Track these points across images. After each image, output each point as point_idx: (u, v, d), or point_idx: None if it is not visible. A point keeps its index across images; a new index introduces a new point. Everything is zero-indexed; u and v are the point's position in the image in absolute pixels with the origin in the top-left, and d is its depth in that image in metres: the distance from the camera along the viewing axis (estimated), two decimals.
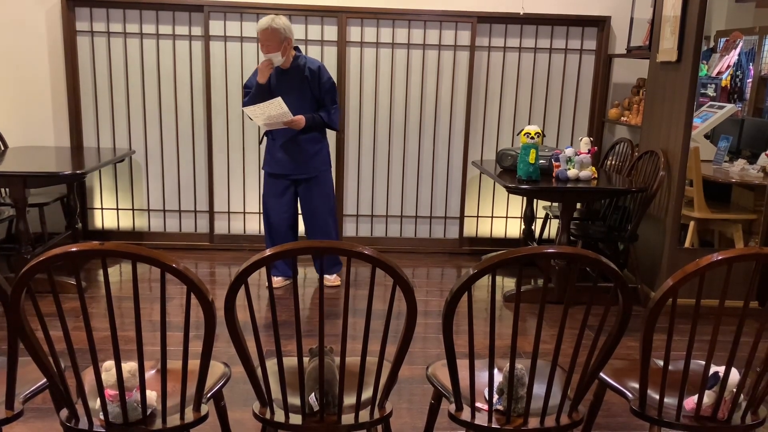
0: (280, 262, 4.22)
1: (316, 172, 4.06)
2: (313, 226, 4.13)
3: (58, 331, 2.08)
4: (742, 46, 5.02)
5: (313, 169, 4.04)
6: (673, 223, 3.89)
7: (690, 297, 3.71)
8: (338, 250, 1.62)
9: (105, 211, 4.99)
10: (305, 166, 4.02)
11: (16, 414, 1.80)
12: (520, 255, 1.65)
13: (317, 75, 3.92)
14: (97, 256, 1.57)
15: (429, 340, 3.51)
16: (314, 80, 3.92)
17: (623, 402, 2.83)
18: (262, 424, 1.86)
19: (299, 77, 3.91)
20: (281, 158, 4.00)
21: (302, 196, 4.09)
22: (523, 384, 1.85)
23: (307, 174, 4.04)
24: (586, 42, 4.89)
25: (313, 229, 4.14)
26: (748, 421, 1.89)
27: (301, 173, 4.03)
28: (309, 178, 4.05)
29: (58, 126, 4.79)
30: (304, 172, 4.03)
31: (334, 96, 4.01)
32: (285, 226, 4.12)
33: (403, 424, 2.68)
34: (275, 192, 4.08)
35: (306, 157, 4.00)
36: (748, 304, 1.75)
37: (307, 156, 4.01)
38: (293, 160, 4.00)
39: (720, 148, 4.51)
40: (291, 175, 4.03)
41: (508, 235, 5.19)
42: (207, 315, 1.68)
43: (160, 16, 4.68)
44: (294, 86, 3.90)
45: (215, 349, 2.98)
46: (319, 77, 3.92)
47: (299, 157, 4.00)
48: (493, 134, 5.02)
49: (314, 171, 4.05)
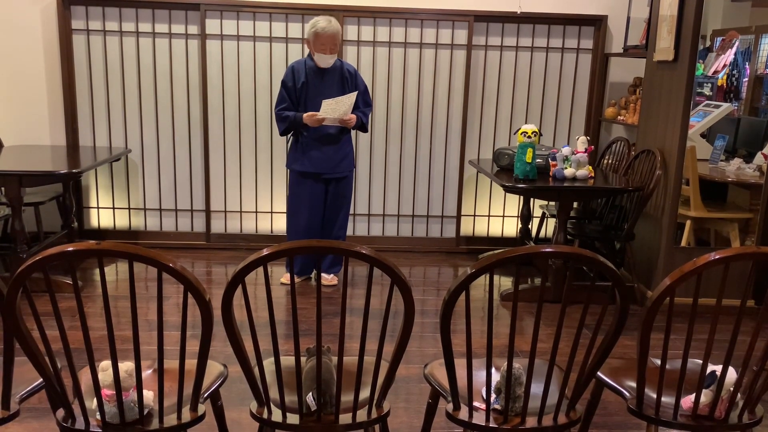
0: (298, 259, 4.21)
1: (347, 172, 4.09)
2: (333, 226, 4.14)
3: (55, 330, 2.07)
4: (739, 46, 5.03)
5: (345, 168, 4.06)
6: (670, 222, 3.90)
7: (686, 296, 3.72)
8: (336, 249, 1.62)
9: (101, 210, 4.98)
10: (339, 165, 4.02)
11: (12, 414, 1.79)
12: (517, 254, 1.65)
13: (354, 77, 3.99)
14: (93, 255, 1.56)
15: (426, 339, 3.51)
16: (352, 82, 3.97)
17: (620, 401, 2.83)
18: (259, 423, 1.86)
19: (339, 78, 3.94)
20: (317, 157, 3.96)
21: (331, 195, 4.09)
22: (520, 383, 1.85)
23: (340, 173, 4.05)
24: (583, 41, 4.90)
25: (333, 228, 4.15)
26: (745, 420, 1.89)
27: (335, 173, 4.03)
28: (341, 178, 4.07)
29: (53, 125, 4.78)
30: (338, 171, 4.04)
31: (368, 98, 4.08)
32: (318, 225, 4.11)
33: (401, 424, 2.67)
34: (309, 192, 4.03)
35: (340, 157, 4.02)
36: (745, 303, 1.75)
37: (342, 156, 4.02)
38: (329, 159, 3.98)
39: (716, 147, 4.52)
40: (325, 174, 4.01)
41: (504, 234, 5.19)
42: (204, 314, 1.68)
43: (157, 14, 4.67)
44: (334, 86, 3.92)
45: (212, 348, 2.98)
46: (356, 79, 4.00)
47: (335, 156, 4.00)
48: (490, 133, 5.02)
49: (346, 170, 4.08)
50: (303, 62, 3.95)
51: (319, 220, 4.10)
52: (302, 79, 3.91)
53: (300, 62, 3.97)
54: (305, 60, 3.96)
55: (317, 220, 4.09)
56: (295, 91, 3.93)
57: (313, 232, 4.10)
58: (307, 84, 3.90)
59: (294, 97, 3.94)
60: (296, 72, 3.93)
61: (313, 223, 4.08)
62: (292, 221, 4.12)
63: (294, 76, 3.92)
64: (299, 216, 4.07)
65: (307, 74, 3.90)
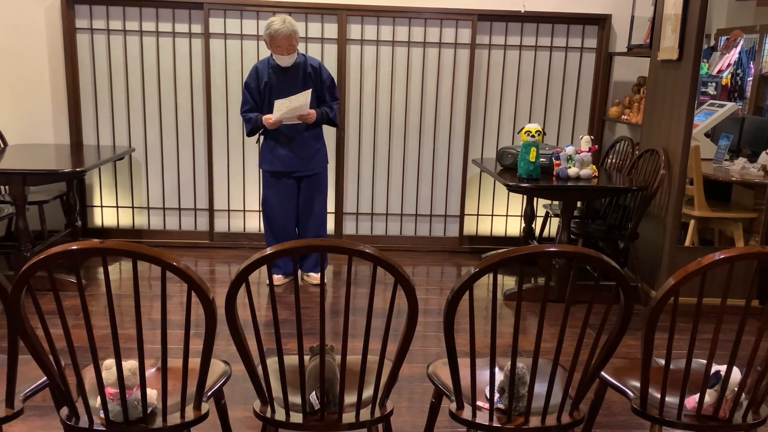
0: (282, 260, 4.21)
1: (320, 169, 4.07)
2: (310, 223, 4.12)
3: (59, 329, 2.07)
4: (743, 45, 5.02)
5: (317, 165, 4.05)
6: (674, 221, 3.89)
7: (691, 296, 3.71)
8: (340, 248, 1.62)
9: (105, 209, 4.98)
10: (310, 162, 4.01)
11: (16, 412, 1.79)
12: (521, 254, 1.65)
13: (318, 72, 3.95)
14: (97, 254, 1.56)
15: (429, 339, 3.51)
16: (316, 77, 3.94)
17: (624, 401, 2.83)
18: (262, 422, 1.86)
19: (302, 74, 3.91)
20: (285, 155, 3.97)
21: (304, 193, 4.08)
22: (524, 383, 1.85)
23: (311, 171, 4.03)
24: (587, 40, 4.89)
25: (308, 225, 4.13)
26: (749, 420, 1.88)
27: (305, 170, 4.02)
28: (312, 175, 4.05)
29: (57, 124, 4.78)
30: (309, 168, 4.03)
31: (334, 92, 4.04)
32: (292, 225, 4.10)
33: (404, 423, 2.67)
34: (281, 191, 4.03)
35: (311, 154, 4.00)
36: (750, 302, 1.74)
37: (312, 152, 4.01)
38: (298, 157, 3.98)
39: (720, 147, 4.51)
40: (295, 173, 4.01)
41: (508, 233, 5.18)
42: (207, 313, 1.68)
43: (160, 13, 4.67)
44: (297, 83, 3.90)
45: (215, 347, 2.98)
46: (320, 74, 3.96)
47: (305, 154, 3.99)
48: (494, 132, 5.01)
49: (318, 167, 4.06)
50: (266, 61, 3.94)
51: (293, 218, 4.09)
52: (265, 78, 3.89)
53: (263, 62, 3.96)
54: (268, 59, 3.93)
55: (292, 219, 4.08)
56: (259, 92, 3.92)
57: (289, 231, 4.09)
58: (270, 83, 3.89)
59: (258, 97, 3.93)
60: (259, 72, 3.92)
61: (288, 222, 4.07)
62: (267, 221, 4.11)
63: (257, 77, 3.92)
64: (274, 216, 4.07)
65: (270, 74, 3.89)
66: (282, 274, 4.23)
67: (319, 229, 4.16)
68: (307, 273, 4.27)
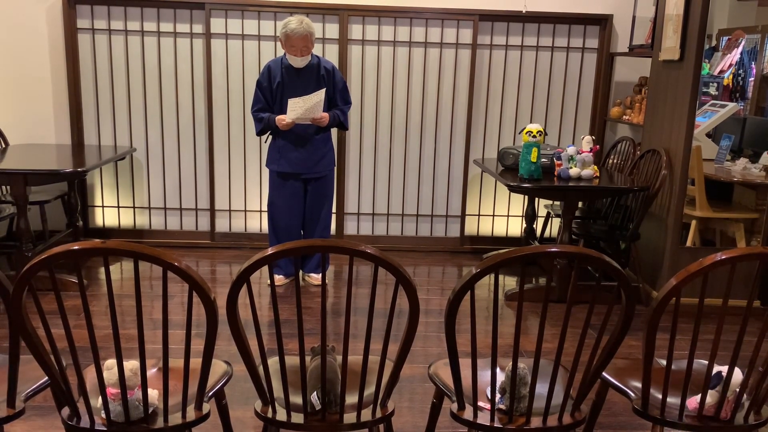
0: (283, 261, 4.21)
1: (327, 171, 4.07)
2: (316, 224, 4.12)
3: (60, 329, 2.07)
4: (745, 45, 5.01)
5: (324, 168, 4.04)
6: (675, 222, 3.89)
7: (692, 296, 3.71)
8: (341, 248, 1.62)
9: (106, 209, 4.99)
10: (317, 165, 4.00)
11: (17, 412, 1.79)
12: (522, 254, 1.65)
13: (332, 75, 3.94)
14: (98, 254, 1.56)
15: (430, 339, 3.51)
16: (329, 80, 3.93)
17: (626, 401, 2.83)
18: (263, 422, 1.86)
19: (315, 76, 3.90)
20: (294, 157, 3.95)
21: (310, 194, 4.07)
22: (525, 383, 1.85)
23: (318, 173, 4.03)
24: (588, 40, 4.89)
25: (315, 228, 4.13)
26: (751, 421, 1.88)
27: (314, 172, 4.01)
28: (319, 177, 4.05)
29: (59, 123, 4.79)
30: (317, 171, 4.02)
31: (346, 96, 4.03)
32: (297, 227, 4.09)
33: (405, 423, 2.67)
34: (287, 192, 4.02)
35: (319, 156, 4.00)
36: (752, 303, 1.74)
37: (320, 155, 4.00)
38: (307, 159, 3.97)
39: (722, 147, 4.50)
40: (304, 174, 4.00)
41: (509, 233, 5.18)
42: (209, 313, 1.68)
43: (162, 13, 4.68)
44: (310, 85, 3.88)
45: (217, 347, 2.98)
46: (334, 77, 3.95)
47: (313, 156, 3.98)
48: (495, 132, 5.01)
49: (325, 170, 4.05)
50: (279, 61, 3.92)
51: (299, 220, 4.09)
52: (278, 78, 3.88)
53: (276, 61, 3.93)
54: (281, 59, 3.91)
55: (297, 220, 4.08)
56: (271, 91, 3.91)
57: (294, 233, 4.09)
58: (282, 83, 3.87)
59: (270, 97, 3.92)
60: (272, 71, 3.90)
61: (293, 223, 4.06)
62: (272, 222, 4.10)
63: (270, 76, 3.90)
64: (279, 216, 4.06)
65: (282, 73, 3.88)
66: (283, 275, 4.23)
67: (323, 231, 4.17)
68: (309, 273, 4.27)
